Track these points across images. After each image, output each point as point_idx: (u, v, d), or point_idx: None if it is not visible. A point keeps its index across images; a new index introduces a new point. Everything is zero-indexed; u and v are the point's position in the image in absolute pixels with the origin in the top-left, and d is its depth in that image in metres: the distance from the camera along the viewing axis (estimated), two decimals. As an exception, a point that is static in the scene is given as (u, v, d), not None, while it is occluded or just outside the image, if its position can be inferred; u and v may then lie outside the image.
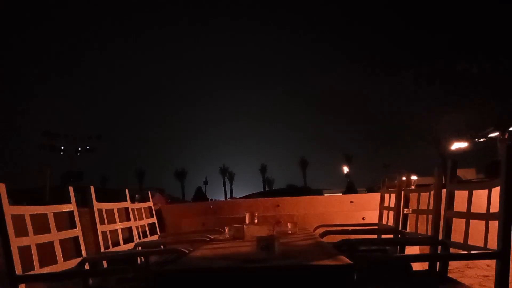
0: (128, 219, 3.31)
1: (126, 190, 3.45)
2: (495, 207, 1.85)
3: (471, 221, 2.13)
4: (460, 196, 2.30)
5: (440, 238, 2.36)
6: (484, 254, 2.00)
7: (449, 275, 2.22)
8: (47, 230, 2.18)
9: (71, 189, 2.48)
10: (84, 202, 2.78)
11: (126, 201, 3.38)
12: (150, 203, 3.96)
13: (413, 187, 4.73)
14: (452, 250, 2.25)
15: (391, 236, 3.27)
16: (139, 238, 3.37)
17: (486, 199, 1.97)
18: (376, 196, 3.94)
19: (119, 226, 3.04)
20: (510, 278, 1.75)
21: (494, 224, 1.84)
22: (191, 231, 4.34)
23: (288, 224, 2.77)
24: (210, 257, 1.83)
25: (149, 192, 4.16)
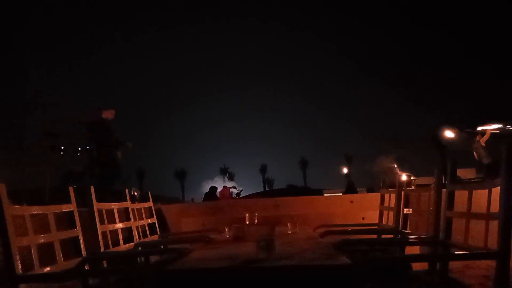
0: (128, 219, 3.31)
1: (126, 190, 3.45)
2: (495, 207, 1.85)
3: (471, 221, 2.13)
4: (460, 196, 2.30)
5: (440, 238, 2.35)
6: (484, 254, 2.00)
7: (449, 275, 2.22)
8: (47, 230, 2.18)
9: (71, 189, 2.48)
10: (84, 202, 2.78)
11: (126, 201, 3.38)
12: (150, 203, 3.96)
13: (413, 187, 4.74)
14: (452, 250, 2.24)
15: (391, 236, 3.27)
16: (139, 238, 3.37)
17: (486, 199, 1.96)
18: (376, 196, 3.94)
19: (119, 226, 3.04)
20: (510, 278, 1.75)
21: (494, 224, 1.84)
22: (191, 231, 4.34)
23: (288, 224, 2.77)
24: (210, 257, 1.83)
25: (149, 192, 4.15)
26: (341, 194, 12.41)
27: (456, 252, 2.21)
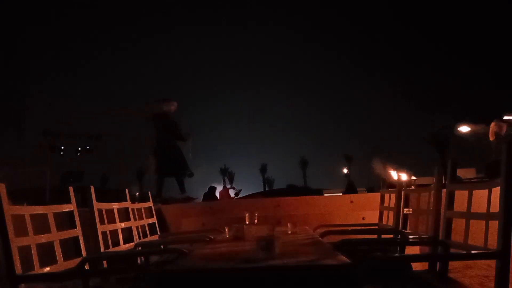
0: (128, 219, 3.30)
1: (126, 190, 3.45)
2: (495, 207, 1.85)
3: (471, 221, 2.13)
4: (460, 196, 2.30)
5: (440, 238, 2.35)
6: (484, 254, 2.00)
7: (449, 275, 2.22)
8: (47, 230, 2.17)
9: (71, 189, 2.48)
10: (84, 202, 2.78)
11: (126, 201, 3.37)
12: (150, 203, 3.95)
13: (413, 187, 4.73)
14: (452, 250, 2.24)
15: (391, 236, 3.26)
16: (139, 238, 3.37)
17: (486, 199, 1.96)
18: (376, 196, 3.94)
19: (119, 226, 3.04)
20: (510, 278, 1.75)
21: (494, 224, 1.84)
22: (191, 231, 4.34)
23: (288, 224, 2.77)
24: (210, 257, 1.83)
25: (149, 192, 4.15)
26: (341, 194, 12.41)
27: (456, 252, 2.21)
